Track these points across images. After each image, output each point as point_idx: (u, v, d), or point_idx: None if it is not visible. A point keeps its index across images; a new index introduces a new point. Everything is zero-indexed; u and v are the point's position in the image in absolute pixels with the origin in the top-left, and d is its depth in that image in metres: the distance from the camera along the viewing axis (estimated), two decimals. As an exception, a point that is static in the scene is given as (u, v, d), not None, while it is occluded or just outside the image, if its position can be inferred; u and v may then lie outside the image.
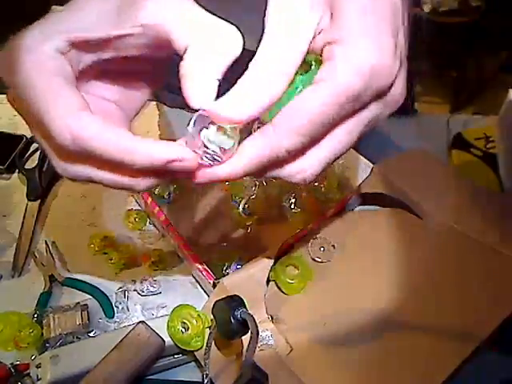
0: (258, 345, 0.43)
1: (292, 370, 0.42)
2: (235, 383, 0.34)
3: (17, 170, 0.66)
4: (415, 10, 1.94)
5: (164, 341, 0.45)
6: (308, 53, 0.27)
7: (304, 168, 0.29)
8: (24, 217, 0.60)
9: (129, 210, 0.60)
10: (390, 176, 0.55)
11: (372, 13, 0.26)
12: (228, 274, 0.52)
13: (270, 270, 0.48)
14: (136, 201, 0.62)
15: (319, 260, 0.52)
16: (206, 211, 0.59)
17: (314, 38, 0.27)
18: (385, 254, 0.51)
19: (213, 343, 0.43)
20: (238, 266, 0.52)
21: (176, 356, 0.47)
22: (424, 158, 0.58)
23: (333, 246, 0.52)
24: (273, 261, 0.48)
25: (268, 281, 0.49)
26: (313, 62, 0.29)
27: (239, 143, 0.29)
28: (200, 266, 0.49)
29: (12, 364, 0.45)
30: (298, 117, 0.26)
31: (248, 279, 0.47)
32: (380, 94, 0.27)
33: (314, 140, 0.27)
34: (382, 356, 0.44)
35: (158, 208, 0.54)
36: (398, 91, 0.28)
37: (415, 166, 0.57)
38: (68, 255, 0.57)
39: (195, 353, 0.45)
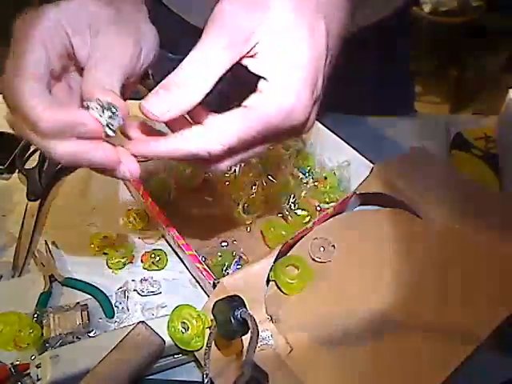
0: (258, 345, 0.43)
1: (292, 369, 0.42)
2: (235, 383, 0.34)
3: (17, 170, 0.66)
4: (415, 10, 1.95)
5: (164, 341, 0.45)
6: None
7: (218, 167, 0.35)
8: (24, 217, 0.60)
9: (129, 210, 0.60)
10: (389, 176, 0.55)
11: (299, 67, 0.32)
12: (228, 273, 0.52)
13: (270, 270, 0.48)
14: (136, 201, 0.62)
15: (319, 260, 0.52)
16: (205, 211, 0.59)
17: (246, 56, 0.34)
18: (385, 254, 0.51)
19: (213, 343, 0.43)
20: (238, 266, 0.53)
21: (176, 356, 0.47)
22: (424, 157, 0.58)
23: (333, 246, 0.52)
24: (273, 261, 0.48)
25: (268, 281, 0.49)
26: None
27: None
28: (200, 266, 0.49)
29: (12, 364, 0.45)
30: (227, 132, 0.33)
31: (248, 279, 0.47)
32: (294, 127, 0.34)
33: (233, 151, 0.34)
34: (382, 356, 0.44)
35: (158, 208, 0.54)
36: (310, 124, 0.35)
37: (415, 166, 0.57)
38: (68, 255, 0.57)
39: (195, 353, 0.45)
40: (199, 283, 0.54)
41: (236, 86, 0.73)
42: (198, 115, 0.36)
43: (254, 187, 0.59)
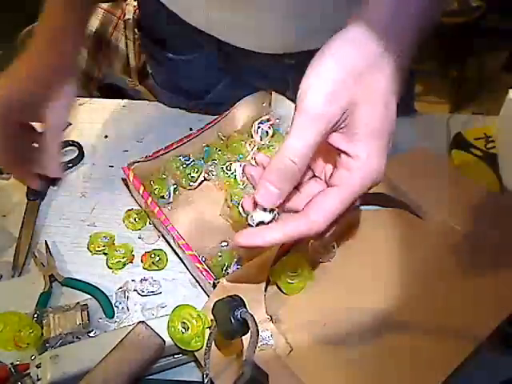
0: (258, 345, 0.43)
1: (292, 369, 0.42)
2: (235, 383, 0.34)
3: (17, 170, 0.66)
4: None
5: (164, 341, 0.45)
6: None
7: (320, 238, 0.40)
8: (24, 217, 0.60)
9: (129, 210, 0.60)
10: (390, 176, 0.55)
11: (378, 137, 0.36)
12: (228, 273, 0.52)
13: (270, 270, 0.48)
14: (136, 201, 0.62)
15: (319, 260, 0.52)
16: (205, 211, 0.59)
17: (331, 131, 0.36)
18: (385, 254, 0.51)
19: (213, 343, 0.43)
20: (238, 266, 0.52)
21: (176, 356, 0.47)
22: (424, 157, 0.58)
23: (333, 246, 0.52)
24: (273, 261, 0.48)
25: (268, 281, 0.49)
26: None
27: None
28: (200, 266, 0.49)
29: (12, 364, 0.45)
30: (327, 214, 0.37)
31: (248, 279, 0.47)
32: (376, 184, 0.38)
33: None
34: (382, 356, 0.44)
35: (158, 208, 0.54)
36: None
37: (415, 165, 0.57)
38: (68, 255, 0.57)
39: (195, 353, 0.45)
40: (199, 283, 0.54)
41: (236, 87, 0.73)
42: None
43: (253, 187, 0.59)
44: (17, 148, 0.57)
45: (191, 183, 0.61)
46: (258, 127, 0.65)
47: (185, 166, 0.61)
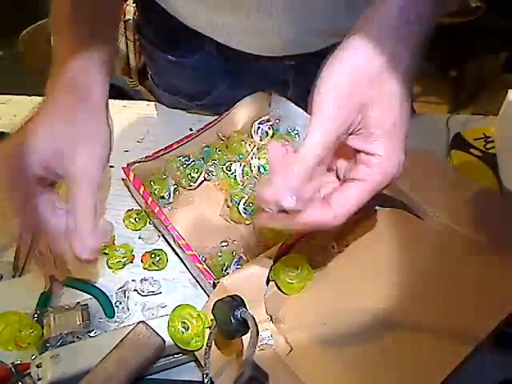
0: (258, 345, 0.43)
1: (292, 369, 0.42)
2: (235, 383, 0.34)
3: (17, 170, 0.66)
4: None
5: (164, 341, 0.45)
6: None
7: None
8: (24, 217, 0.60)
9: (129, 210, 0.60)
10: (389, 176, 0.55)
11: (394, 136, 0.38)
12: (228, 273, 0.52)
13: (270, 270, 0.48)
14: (136, 201, 0.62)
15: (319, 260, 0.52)
16: (205, 211, 0.59)
17: (347, 134, 0.37)
18: (385, 254, 0.51)
19: (213, 343, 0.43)
20: (238, 266, 0.53)
21: (176, 356, 0.47)
22: (424, 157, 0.58)
23: (333, 246, 0.52)
24: (273, 261, 0.48)
25: (268, 281, 0.49)
26: None
27: None
28: (200, 266, 0.49)
29: (13, 364, 0.45)
30: (348, 207, 0.38)
31: (248, 279, 0.47)
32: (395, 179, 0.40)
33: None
34: (382, 356, 0.44)
35: (158, 208, 0.54)
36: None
37: (415, 166, 0.57)
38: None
39: (195, 353, 0.45)
40: (199, 283, 0.54)
41: (236, 88, 0.73)
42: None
43: (253, 187, 0.59)
44: (44, 212, 0.45)
45: (191, 183, 0.61)
46: (258, 127, 0.65)
47: (185, 166, 0.61)
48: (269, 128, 0.65)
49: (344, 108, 0.36)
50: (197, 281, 0.54)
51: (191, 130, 0.70)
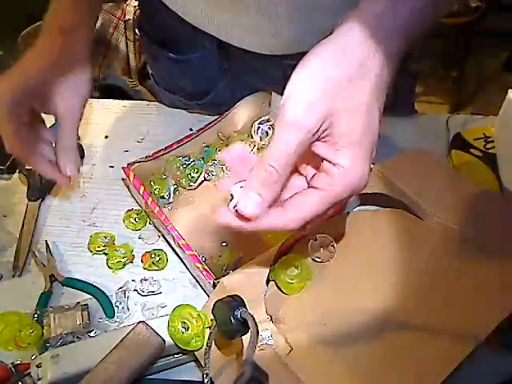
0: (258, 344, 0.43)
1: (292, 369, 0.42)
2: (235, 383, 0.34)
3: (17, 170, 0.66)
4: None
5: (164, 341, 0.45)
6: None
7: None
8: (24, 217, 0.60)
9: (129, 210, 0.60)
10: (389, 176, 0.55)
11: (360, 147, 0.37)
12: (228, 273, 0.52)
13: (270, 270, 0.48)
14: (136, 201, 0.62)
15: (319, 260, 0.52)
16: (205, 211, 0.59)
17: (313, 140, 0.36)
18: (385, 254, 0.51)
19: (213, 343, 0.43)
20: (238, 266, 0.53)
21: (176, 356, 0.47)
22: (424, 157, 0.58)
23: (333, 246, 0.52)
24: (273, 261, 0.48)
25: (268, 281, 0.49)
26: None
27: None
28: (200, 266, 0.49)
29: (13, 364, 0.45)
30: (304, 212, 0.38)
31: (248, 279, 0.47)
32: (358, 192, 0.38)
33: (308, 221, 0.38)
34: (382, 356, 0.44)
35: (158, 208, 0.54)
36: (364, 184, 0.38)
37: (415, 166, 0.57)
38: (68, 255, 0.57)
39: (195, 352, 0.45)
40: (199, 283, 0.54)
41: (236, 87, 0.73)
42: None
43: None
44: (31, 139, 0.55)
45: (191, 183, 0.61)
46: (258, 127, 0.65)
47: (185, 166, 0.61)
48: (269, 128, 0.65)
49: (310, 115, 0.35)
50: (197, 281, 0.54)
51: (191, 129, 0.70)
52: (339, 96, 0.35)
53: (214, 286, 0.47)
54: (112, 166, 0.67)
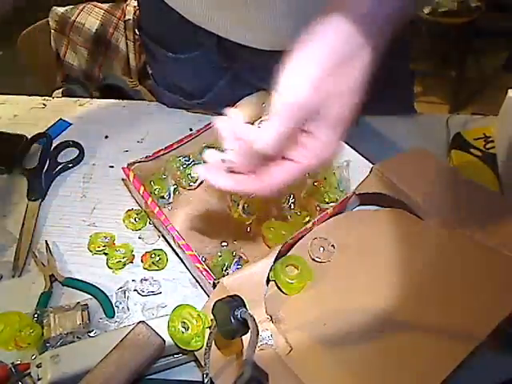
0: (258, 345, 0.43)
1: (292, 369, 0.42)
2: (235, 383, 0.34)
3: (17, 170, 0.66)
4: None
5: (164, 341, 0.45)
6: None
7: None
8: (24, 217, 0.60)
9: (129, 210, 0.60)
10: (389, 176, 0.55)
11: (343, 125, 0.39)
12: (228, 273, 0.52)
13: (270, 270, 0.48)
14: (136, 201, 0.62)
15: (319, 260, 0.52)
16: (205, 211, 0.59)
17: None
18: (385, 254, 0.51)
19: (213, 343, 0.43)
20: (238, 266, 0.53)
21: (176, 356, 0.47)
22: (424, 157, 0.58)
23: (333, 246, 0.52)
24: (273, 261, 0.48)
25: (268, 281, 0.49)
26: None
27: None
28: (200, 266, 0.49)
29: (13, 364, 0.45)
30: (278, 179, 0.42)
31: (248, 279, 0.47)
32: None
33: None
34: (382, 356, 0.44)
35: (158, 208, 0.54)
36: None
37: (415, 165, 0.57)
38: (68, 255, 0.57)
39: (195, 353, 0.45)
40: (199, 283, 0.54)
41: (236, 87, 0.73)
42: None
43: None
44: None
45: (191, 183, 0.61)
46: (258, 127, 0.65)
47: (185, 166, 0.61)
48: (269, 128, 0.65)
49: (315, 93, 0.37)
50: (197, 281, 0.54)
51: (191, 129, 0.70)
52: (337, 76, 0.38)
53: (214, 286, 0.47)
54: (112, 166, 0.67)
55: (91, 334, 0.50)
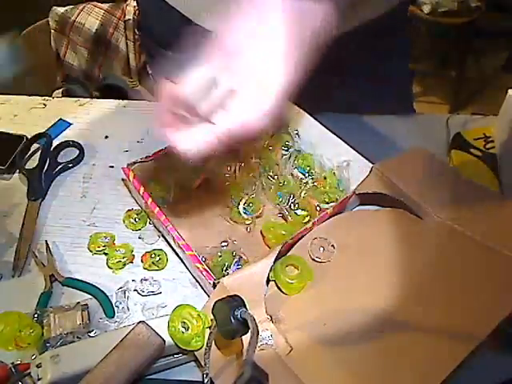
0: (258, 345, 0.43)
1: (292, 369, 0.42)
2: (235, 383, 0.34)
3: (17, 170, 0.66)
4: (415, 11, 1.95)
5: (164, 341, 0.45)
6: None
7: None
8: (24, 217, 0.60)
9: (129, 210, 0.60)
10: (389, 176, 0.55)
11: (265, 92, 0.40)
12: (228, 273, 0.52)
13: (270, 270, 0.48)
14: (136, 201, 0.62)
15: (319, 260, 0.52)
16: (205, 211, 0.59)
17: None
18: (385, 254, 0.51)
19: (213, 343, 0.43)
20: (238, 266, 0.53)
21: (176, 356, 0.47)
22: (424, 157, 0.58)
23: (333, 246, 0.52)
24: (273, 261, 0.48)
25: (268, 281, 0.49)
26: None
27: None
28: (200, 266, 0.49)
29: (13, 364, 0.45)
30: (198, 141, 0.42)
31: (248, 279, 0.47)
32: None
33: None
34: (382, 356, 0.44)
35: (158, 208, 0.54)
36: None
37: (415, 165, 0.57)
38: (68, 255, 0.57)
39: (195, 353, 0.45)
40: (199, 283, 0.54)
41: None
42: None
43: (253, 187, 0.59)
44: None
45: (191, 183, 0.61)
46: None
47: (185, 166, 0.61)
48: (269, 128, 0.65)
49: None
50: (197, 281, 0.54)
51: (191, 129, 0.70)
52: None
53: (214, 286, 0.47)
54: (112, 166, 0.67)
55: (91, 334, 0.50)
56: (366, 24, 0.63)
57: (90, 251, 0.57)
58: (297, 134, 0.65)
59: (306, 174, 0.62)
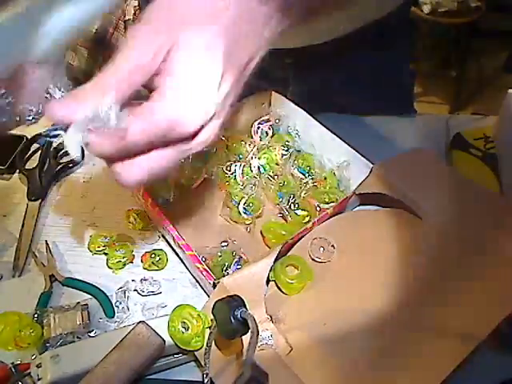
0: (258, 345, 0.43)
1: (292, 369, 0.42)
2: (235, 383, 0.34)
3: (17, 170, 0.66)
4: (415, 11, 1.95)
5: (164, 341, 0.45)
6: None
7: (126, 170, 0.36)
8: (24, 217, 0.60)
9: (129, 210, 0.60)
10: (389, 176, 0.55)
11: (194, 87, 0.35)
12: (228, 273, 0.52)
13: (270, 270, 0.48)
14: (136, 201, 0.62)
15: (319, 260, 0.52)
16: (205, 211, 0.59)
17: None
18: (384, 254, 0.51)
19: (213, 343, 0.43)
20: (238, 266, 0.53)
21: (176, 356, 0.47)
22: (424, 157, 0.58)
23: (333, 246, 0.52)
24: (273, 261, 0.48)
25: (268, 281, 0.49)
26: None
27: None
28: (200, 266, 0.49)
29: (13, 364, 0.45)
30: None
31: (248, 279, 0.47)
32: (183, 139, 0.36)
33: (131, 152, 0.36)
34: (382, 356, 0.44)
35: (157, 208, 0.54)
36: (201, 139, 0.37)
37: (415, 166, 0.57)
38: (68, 255, 0.57)
39: (195, 353, 0.45)
40: (199, 283, 0.54)
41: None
42: None
43: (253, 187, 0.59)
44: None
45: (191, 183, 0.61)
46: (258, 127, 0.65)
47: (185, 166, 0.61)
48: (269, 128, 0.65)
49: (150, 44, 0.35)
50: (197, 281, 0.54)
51: (191, 129, 0.70)
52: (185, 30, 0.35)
53: (214, 286, 0.47)
54: (112, 166, 0.67)
55: (91, 334, 0.50)
56: (368, 24, 0.63)
57: (90, 251, 0.57)
58: (297, 134, 0.65)
59: (306, 174, 0.62)
